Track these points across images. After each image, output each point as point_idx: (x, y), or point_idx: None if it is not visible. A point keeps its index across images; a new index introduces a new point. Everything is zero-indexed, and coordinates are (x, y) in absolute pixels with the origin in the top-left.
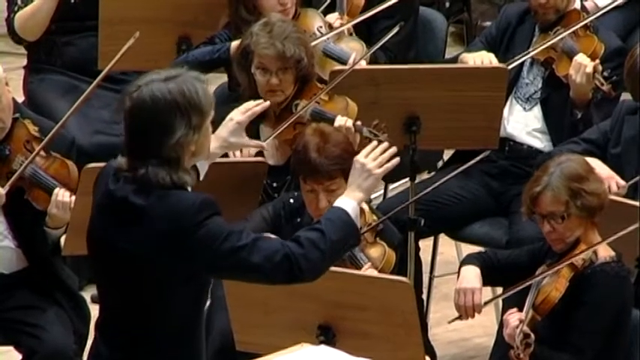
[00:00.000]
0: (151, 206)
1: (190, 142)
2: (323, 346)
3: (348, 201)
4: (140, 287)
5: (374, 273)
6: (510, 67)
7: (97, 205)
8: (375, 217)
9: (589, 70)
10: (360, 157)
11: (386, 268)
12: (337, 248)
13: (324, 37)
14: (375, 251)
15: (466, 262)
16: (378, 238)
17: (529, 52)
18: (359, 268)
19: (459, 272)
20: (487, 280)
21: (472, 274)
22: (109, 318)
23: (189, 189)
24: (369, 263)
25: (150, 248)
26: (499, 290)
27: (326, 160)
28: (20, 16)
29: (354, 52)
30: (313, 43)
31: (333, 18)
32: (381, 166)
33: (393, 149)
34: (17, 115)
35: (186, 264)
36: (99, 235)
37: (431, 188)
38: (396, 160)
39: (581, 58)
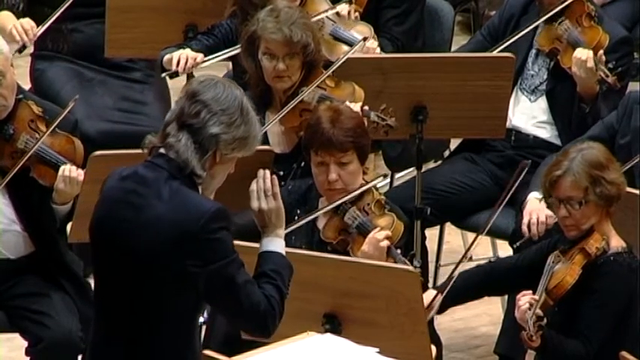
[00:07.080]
0: (170, 198)
1: (223, 147)
2: (329, 335)
3: (277, 240)
4: (140, 286)
5: (381, 262)
6: (503, 47)
7: (112, 192)
8: (381, 195)
9: (590, 64)
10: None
11: (394, 237)
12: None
13: (327, 13)
14: (383, 220)
15: (437, 286)
16: (386, 210)
17: (523, 30)
18: (367, 232)
19: None
20: (497, 290)
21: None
22: (107, 315)
23: (200, 190)
24: (378, 228)
25: (159, 243)
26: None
27: (339, 131)
28: None
29: (363, 35)
30: (315, 18)
31: (341, 8)
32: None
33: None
34: (20, 96)
35: (191, 267)
36: (107, 225)
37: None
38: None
39: (580, 52)
